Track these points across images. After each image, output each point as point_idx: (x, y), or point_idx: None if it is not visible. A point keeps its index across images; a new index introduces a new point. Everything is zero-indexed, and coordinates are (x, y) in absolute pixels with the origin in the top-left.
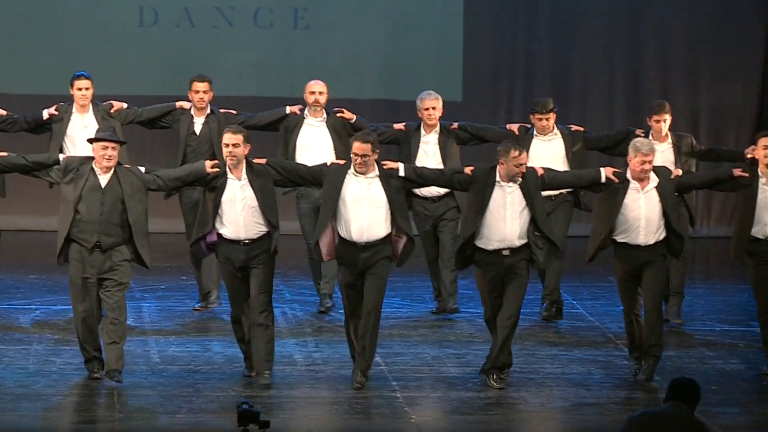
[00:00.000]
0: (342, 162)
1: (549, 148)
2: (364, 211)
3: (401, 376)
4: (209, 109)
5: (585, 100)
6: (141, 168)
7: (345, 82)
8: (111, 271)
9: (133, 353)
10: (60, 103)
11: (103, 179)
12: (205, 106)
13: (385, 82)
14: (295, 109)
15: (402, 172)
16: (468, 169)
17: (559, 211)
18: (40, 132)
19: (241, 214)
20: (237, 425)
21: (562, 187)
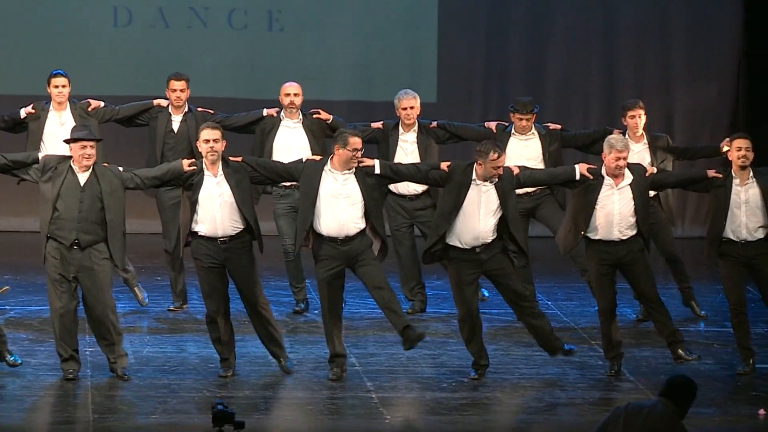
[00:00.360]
0: (318, 158)
1: (526, 147)
2: (340, 207)
3: (376, 376)
4: (187, 107)
5: (560, 101)
6: (119, 167)
7: (320, 84)
8: (90, 270)
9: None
10: (37, 102)
11: (81, 177)
12: (183, 104)
13: (360, 83)
14: (272, 111)
15: (377, 170)
16: (444, 165)
17: (545, 209)
18: (18, 131)
19: (218, 211)
20: (212, 426)
21: (537, 185)
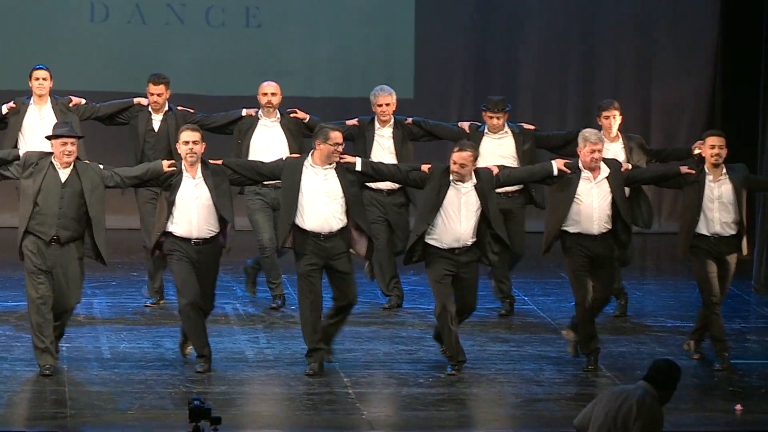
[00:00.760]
0: (297, 155)
1: (500, 146)
2: (322, 202)
3: (353, 372)
4: (167, 106)
5: (537, 98)
6: (99, 165)
7: (297, 81)
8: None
9: (84, 349)
10: (17, 98)
11: (63, 174)
12: (160, 107)
13: (337, 79)
14: (251, 111)
15: (359, 167)
16: (425, 167)
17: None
18: (0, 128)
19: (195, 213)
20: (188, 421)
21: (516, 184)
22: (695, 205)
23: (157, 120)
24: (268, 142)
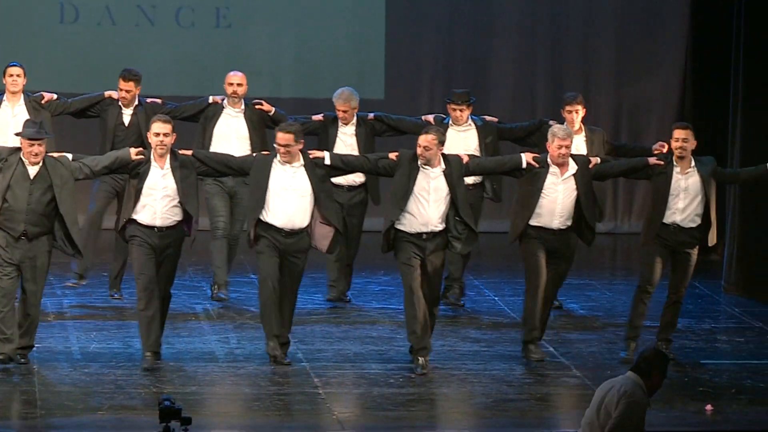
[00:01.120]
0: (267, 153)
1: (464, 138)
2: (289, 200)
3: (323, 372)
4: (137, 100)
5: (507, 97)
6: (68, 155)
7: (267, 81)
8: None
9: (54, 350)
10: None
11: (32, 170)
12: (129, 103)
13: (307, 79)
14: (217, 98)
15: (328, 161)
16: (393, 155)
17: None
18: None
19: (160, 202)
20: (159, 421)
21: (485, 173)
22: (661, 196)
23: (127, 114)
24: (230, 131)
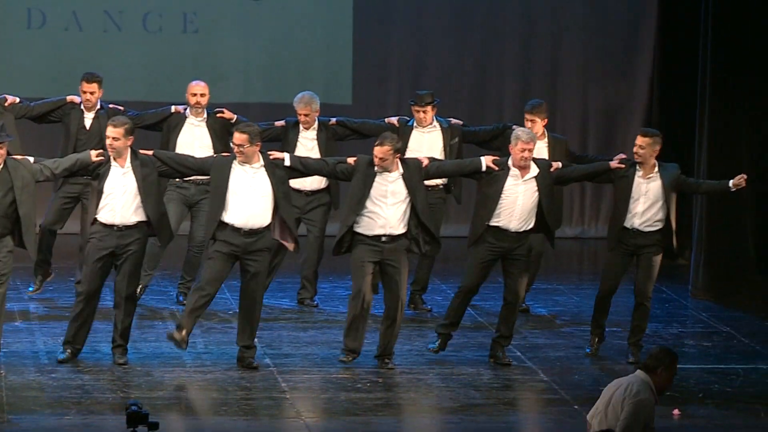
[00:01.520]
0: (227, 154)
1: (428, 140)
2: (249, 200)
3: (291, 377)
4: (99, 104)
5: (474, 101)
6: (30, 158)
7: (235, 86)
8: None
9: (21, 354)
10: None
11: None
12: (93, 105)
13: (275, 84)
14: (179, 108)
15: (287, 162)
16: (351, 160)
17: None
18: None
19: (120, 200)
20: (126, 426)
21: (445, 176)
22: (623, 200)
23: (89, 118)
24: (193, 141)
